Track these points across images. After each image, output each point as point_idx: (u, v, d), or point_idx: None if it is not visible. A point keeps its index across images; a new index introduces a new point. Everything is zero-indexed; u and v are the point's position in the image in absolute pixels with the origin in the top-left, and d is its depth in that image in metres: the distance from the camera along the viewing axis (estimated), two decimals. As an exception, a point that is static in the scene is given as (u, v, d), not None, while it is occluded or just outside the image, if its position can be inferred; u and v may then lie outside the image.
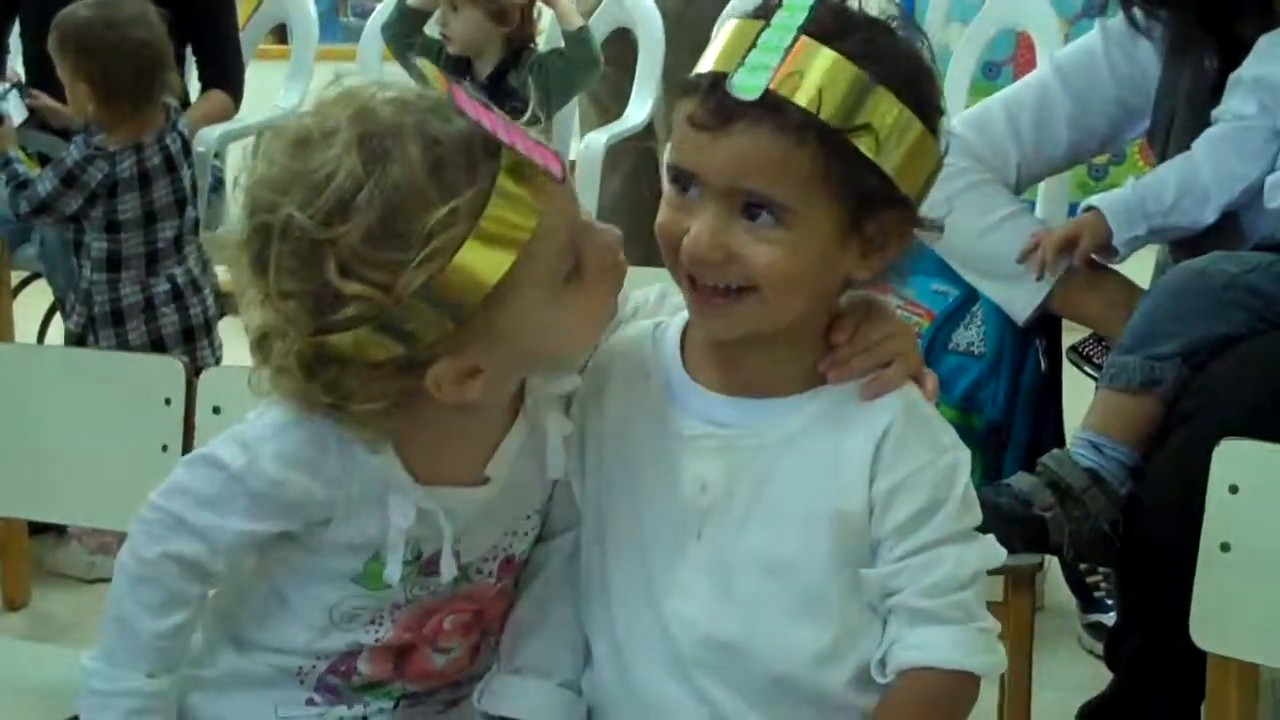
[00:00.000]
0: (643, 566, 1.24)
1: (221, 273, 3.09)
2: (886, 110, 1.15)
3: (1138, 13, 2.13)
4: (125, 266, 2.93)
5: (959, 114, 2.27)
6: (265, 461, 1.19)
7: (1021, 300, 2.11)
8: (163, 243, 2.96)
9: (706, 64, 1.17)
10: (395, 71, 3.65)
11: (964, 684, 1.21)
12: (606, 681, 1.27)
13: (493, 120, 1.14)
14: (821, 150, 1.13)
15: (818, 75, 1.13)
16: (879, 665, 1.22)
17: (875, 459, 1.20)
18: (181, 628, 1.23)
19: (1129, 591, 1.98)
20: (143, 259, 2.94)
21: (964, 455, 1.23)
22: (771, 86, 1.13)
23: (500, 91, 3.37)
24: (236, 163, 3.46)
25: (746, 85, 1.13)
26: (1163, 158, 2.14)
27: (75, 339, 2.98)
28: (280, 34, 4.12)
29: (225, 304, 3.09)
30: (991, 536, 1.24)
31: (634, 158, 3.79)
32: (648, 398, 1.25)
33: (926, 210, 1.22)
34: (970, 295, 2.16)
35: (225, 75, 3.49)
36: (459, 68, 3.43)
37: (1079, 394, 1.98)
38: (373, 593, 1.23)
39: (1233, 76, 2.04)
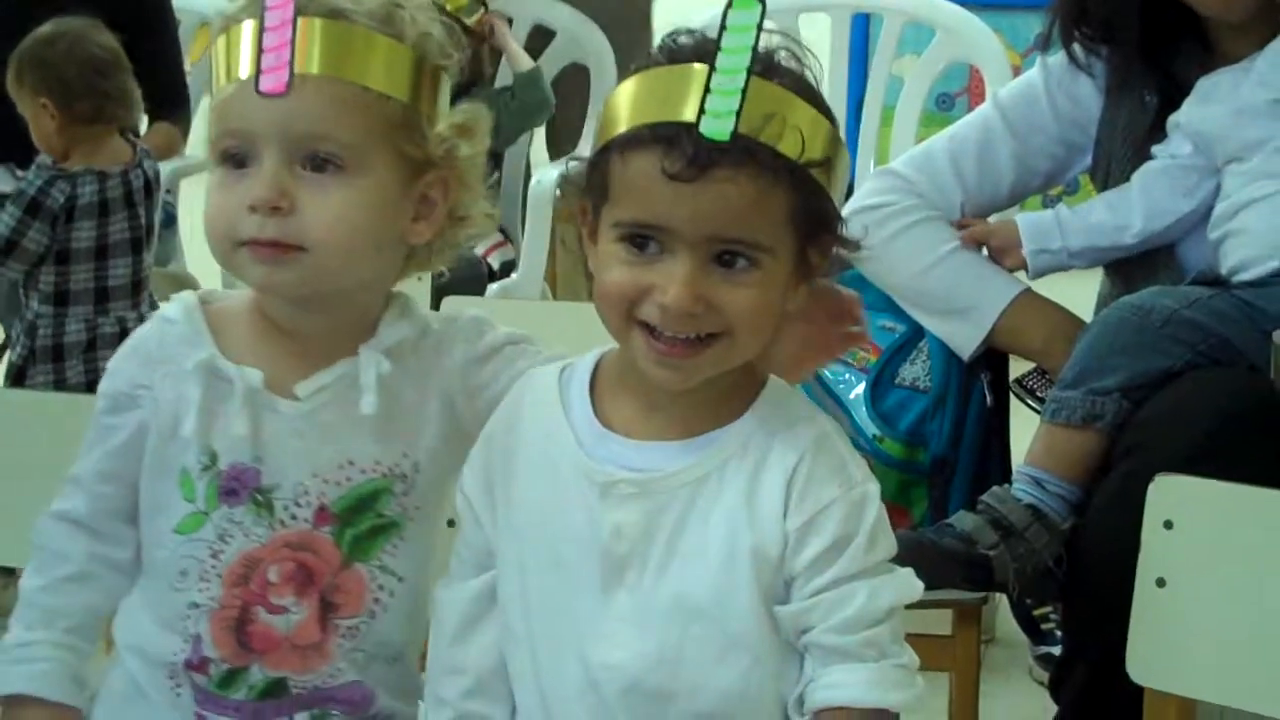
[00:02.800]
0: (566, 617, 1.24)
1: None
2: (829, 141, 1.18)
3: (1079, 50, 2.15)
4: (73, 301, 2.89)
5: (903, 154, 2.29)
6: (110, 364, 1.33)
7: (965, 335, 2.12)
8: (114, 280, 2.92)
9: (640, 116, 1.17)
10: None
11: None
12: None
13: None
14: (792, 187, 1.16)
15: (772, 113, 1.15)
16: (796, 704, 1.22)
17: (788, 494, 1.20)
18: (61, 584, 1.33)
19: (1073, 626, 1.99)
20: (91, 295, 2.90)
21: (874, 488, 1.23)
22: (745, 131, 1.13)
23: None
24: (189, 198, 3.45)
25: (717, 131, 1.13)
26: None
27: (15, 372, 2.94)
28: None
29: None
30: (909, 570, 1.24)
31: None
32: (558, 444, 1.25)
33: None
34: (917, 331, 2.18)
35: (173, 107, 3.47)
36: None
37: (1029, 427, 1.99)
38: (190, 532, 1.28)
39: (1170, 119, 2.07)
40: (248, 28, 1.24)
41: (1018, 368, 2.18)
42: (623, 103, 1.19)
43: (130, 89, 2.92)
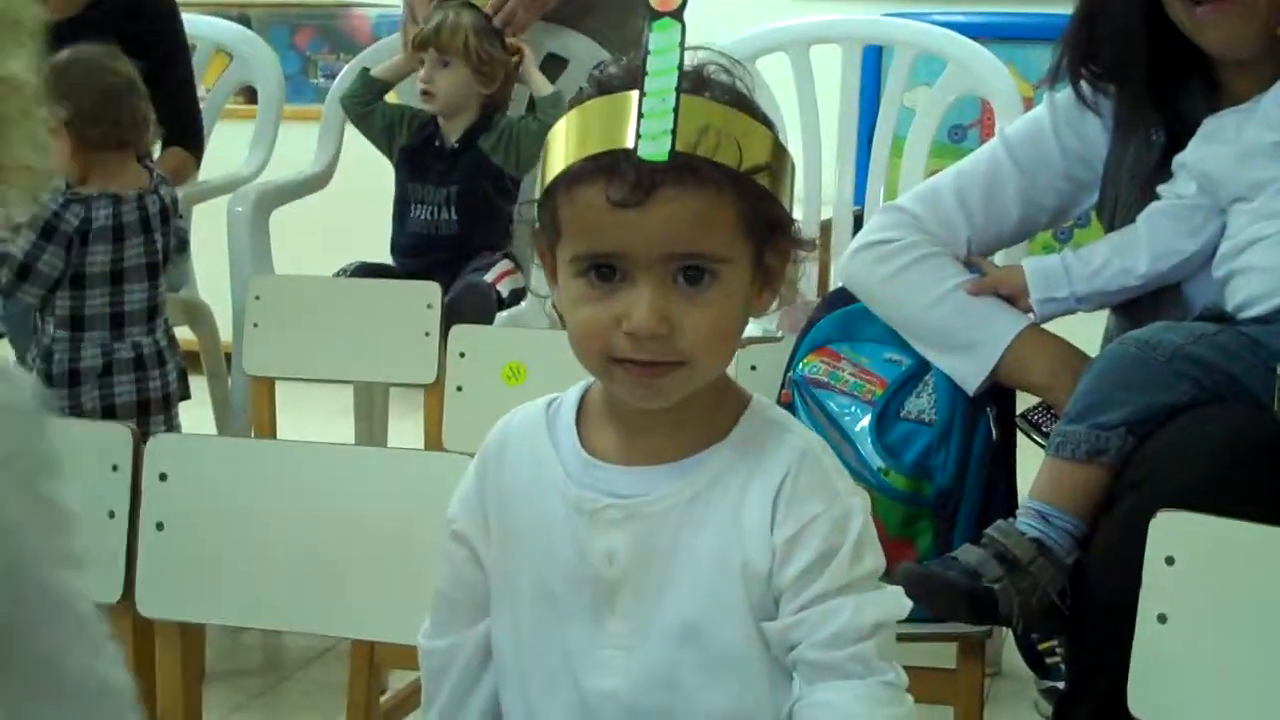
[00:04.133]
0: (559, 645, 1.25)
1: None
2: (768, 146, 1.20)
3: (1085, 87, 2.16)
4: (89, 326, 2.91)
5: (913, 185, 2.29)
6: None
7: (970, 371, 2.12)
8: (130, 306, 2.94)
9: (584, 149, 1.18)
10: (356, 133, 3.69)
11: None
12: None
13: None
14: (737, 196, 1.18)
15: (706, 127, 1.17)
16: None
17: (774, 509, 1.22)
18: None
19: (1077, 660, 1.99)
20: (107, 320, 2.92)
21: (858, 502, 1.24)
22: (681, 148, 1.15)
23: (469, 154, 3.40)
24: (201, 223, 3.49)
25: (655, 153, 1.15)
26: (1111, 230, 2.17)
27: None
28: (250, 94, 4.14)
29: (185, 389, 3.08)
30: (897, 588, 1.25)
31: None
32: (547, 476, 1.26)
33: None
34: (923, 364, 2.18)
35: (185, 133, 3.49)
36: (426, 130, 3.45)
37: (1034, 462, 1.99)
38: None
39: (1176, 160, 2.08)
40: None
41: (1023, 402, 2.18)
42: (561, 139, 1.21)
43: (145, 114, 2.93)
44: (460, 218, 3.36)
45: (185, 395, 3.08)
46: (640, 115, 1.16)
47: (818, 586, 1.21)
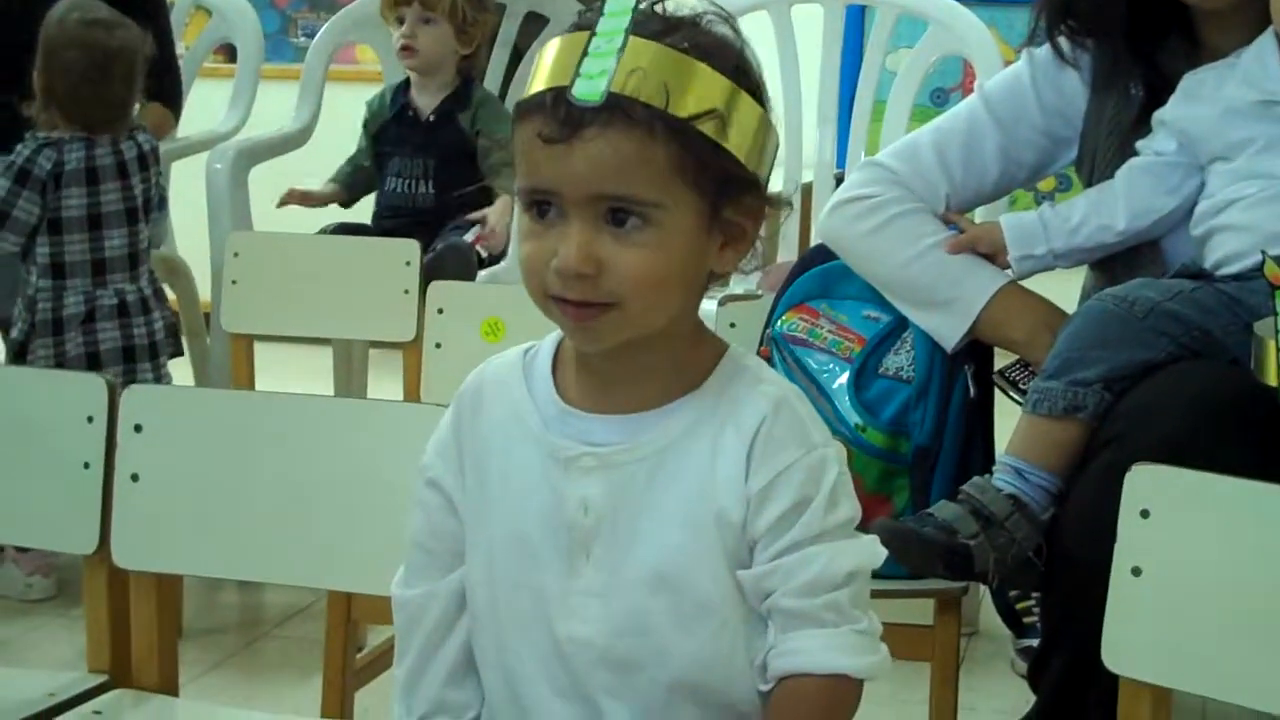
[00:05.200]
0: (533, 593, 1.25)
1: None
2: (724, 96, 1.18)
3: (1064, 43, 2.16)
4: (70, 274, 2.91)
5: (887, 146, 2.29)
6: None
7: (948, 327, 2.12)
8: (110, 252, 2.93)
9: (539, 84, 1.18)
10: (336, 92, 3.68)
11: (842, 687, 1.22)
12: (497, 709, 1.28)
13: None
14: (673, 141, 1.16)
15: (657, 70, 1.16)
16: (760, 672, 1.23)
17: (749, 458, 1.21)
18: None
19: (1051, 615, 2.00)
20: (88, 267, 2.91)
21: (833, 451, 1.24)
22: (614, 89, 1.15)
23: (447, 128, 3.39)
24: (179, 180, 3.48)
25: (588, 92, 1.15)
26: (1089, 186, 2.17)
27: (16, 349, 2.95)
28: (230, 52, 4.12)
29: (176, 344, 3.08)
30: (872, 537, 1.25)
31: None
32: (523, 423, 1.26)
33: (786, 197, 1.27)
34: (901, 321, 2.18)
35: (163, 90, 3.48)
36: (397, 102, 3.45)
37: (1011, 419, 2.00)
38: None
39: (1155, 115, 2.08)
40: None
41: (1001, 359, 2.18)
42: (531, 73, 1.21)
43: (131, 90, 2.95)
44: (437, 190, 3.36)
45: (178, 352, 3.08)
46: (584, 54, 1.16)
47: (792, 535, 1.21)
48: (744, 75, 1.20)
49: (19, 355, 2.93)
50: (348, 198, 3.55)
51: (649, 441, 1.23)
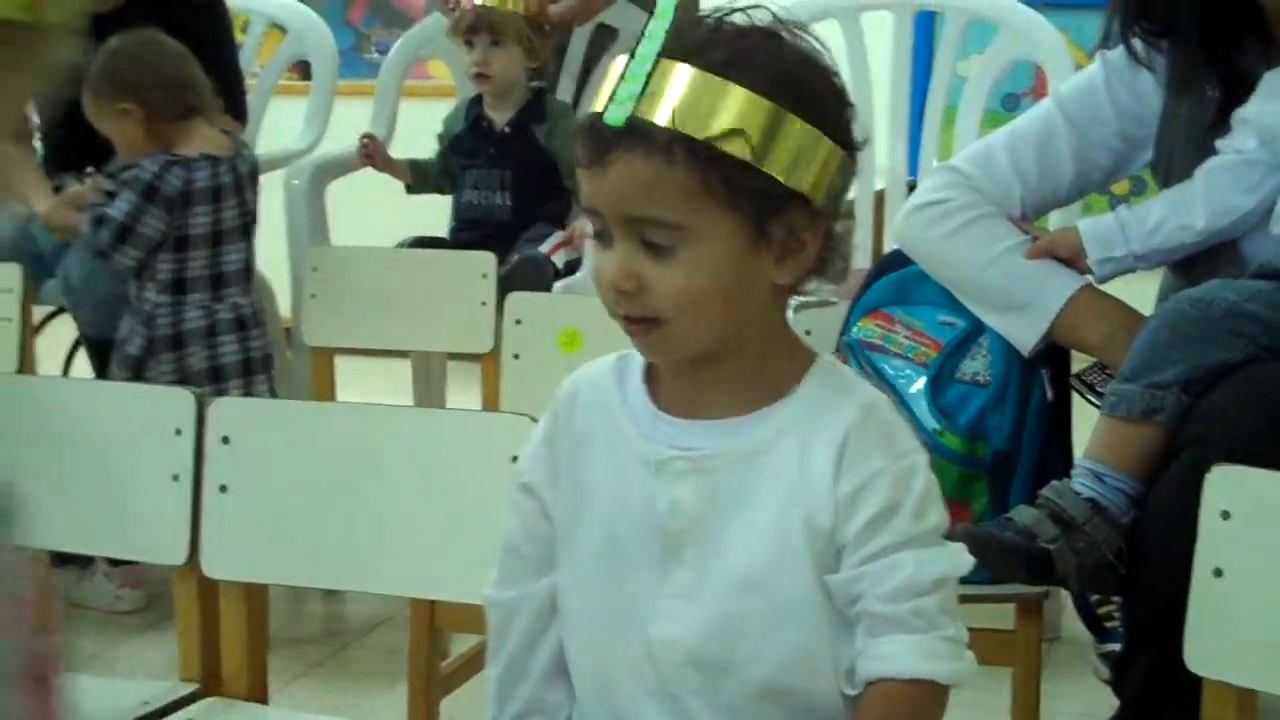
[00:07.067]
0: (624, 595, 1.27)
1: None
2: (755, 113, 1.17)
3: (1138, 44, 2.15)
4: (190, 289, 2.94)
5: (959, 151, 2.29)
6: None
7: (1025, 331, 2.12)
8: (228, 266, 2.97)
9: (595, 107, 1.21)
10: (410, 107, 3.71)
11: (929, 693, 1.22)
12: (588, 710, 1.30)
13: None
14: (693, 163, 1.17)
15: (673, 91, 1.17)
16: (847, 677, 1.24)
17: (838, 464, 1.23)
18: None
19: (1133, 619, 1.99)
20: (208, 282, 2.95)
21: (921, 459, 1.25)
22: (637, 113, 1.16)
23: (522, 138, 3.42)
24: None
25: (614, 116, 1.17)
26: (1166, 188, 2.16)
27: (134, 364, 2.96)
28: (304, 70, 4.17)
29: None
30: (959, 545, 1.26)
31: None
32: (616, 428, 1.28)
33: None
34: (977, 326, 2.18)
35: (231, 110, 3.52)
36: (471, 113, 3.48)
37: (1089, 422, 2.00)
38: None
39: (1236, 114, 2.06)
40: None
41: (1078, 362, 2.18)
42: (595, 94, 1.24)
43: (203, 79, 2.97)
44: (515, 201, 3.39)
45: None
46: (620, 78, 1.18)
47: (880, 540, 1.22)
48: (786, 88, 1.19)
49: (137, 371, 2.95)
50: (412, 183, 3.58)
51: (739, 446, 1.25)
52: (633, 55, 1.18)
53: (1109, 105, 2.19)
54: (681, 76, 1.17)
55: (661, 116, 1.16)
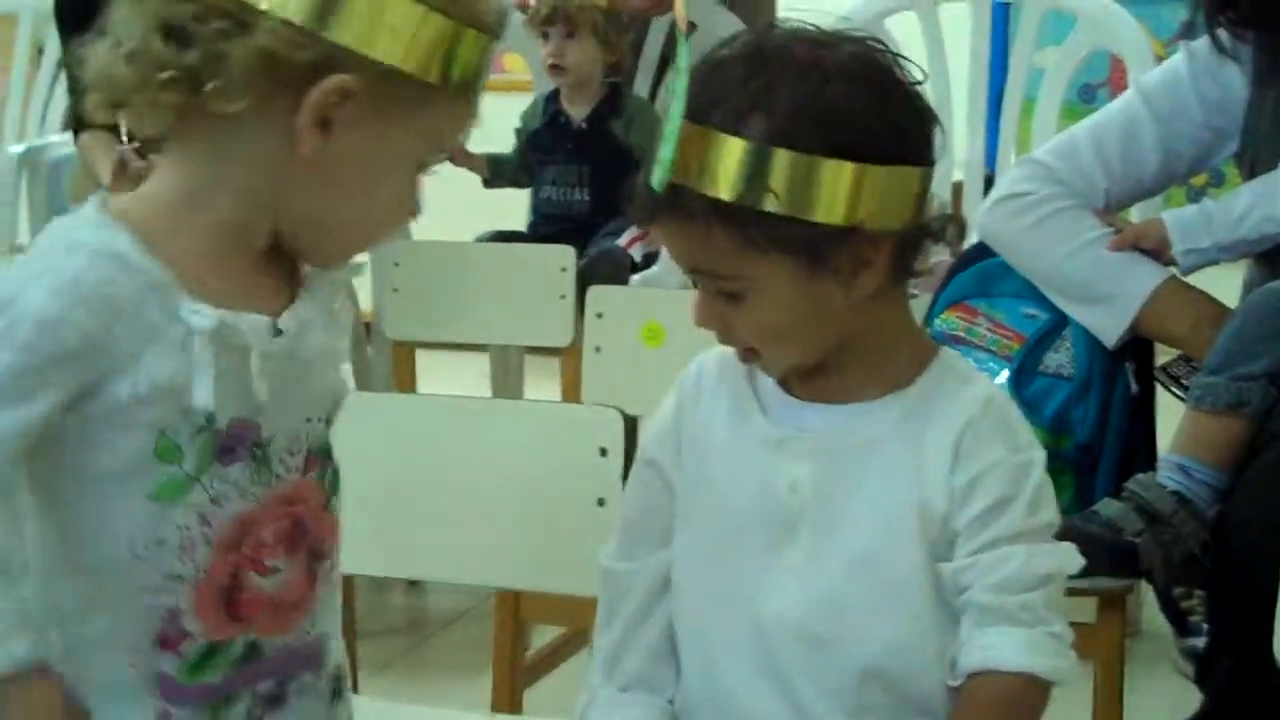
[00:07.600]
0: (737, 569, 1.29)
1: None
2: (778, 165, 1.18)
3: (1224, 35, 2.14)
4: None
5: (1037, 143, 2.28)
6: (36, 299, 1.08)
7: (1109, 323, 2.11)
8: None
9: None
10: (486, 101, 3.72)
11: (1032, 688, 1.23)
12: (693, 687, 1.31)
13: None
14: (729, 224, 1.19)
15: (698, 154, 1.19)
16: (950, 666, 1.25)
17: (955, 452, 1.24)
18: None
19: (1218, 614, 1.98)
20: None
21: (1039, 455, 1.26)
22: (675, 179, 1.19)
23: (599, 133, 3.43)
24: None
25: (658, 181, 1.19)
26: (1251, 179, 2.14)
27: None
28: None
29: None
30: (1069, 544, 1.26)
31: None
32: (739, 409, 1.31)
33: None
34: (1060, 319, 2.17)
35: None
36: (549, 109, 3.50)
37: (1175, 415, 1.98)
38: (173, 498, 1.13)
39: None
40: None
41: (1163, 355, 2.17)
42: None
43: None
44: (593, 197, 3.40)
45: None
46: (662, 139, 1.20)
47: (992, 531, 1.23)
48: (810, 127, 1.18)
49: None
50: (490, 177, 3.60)
51: (860, 429, 1.27)
52: (668, 116, 1.20)
53: (1194, 96, 2.18)
54: (703, 139, 1.19)
55: (694, 180, 1.19)
